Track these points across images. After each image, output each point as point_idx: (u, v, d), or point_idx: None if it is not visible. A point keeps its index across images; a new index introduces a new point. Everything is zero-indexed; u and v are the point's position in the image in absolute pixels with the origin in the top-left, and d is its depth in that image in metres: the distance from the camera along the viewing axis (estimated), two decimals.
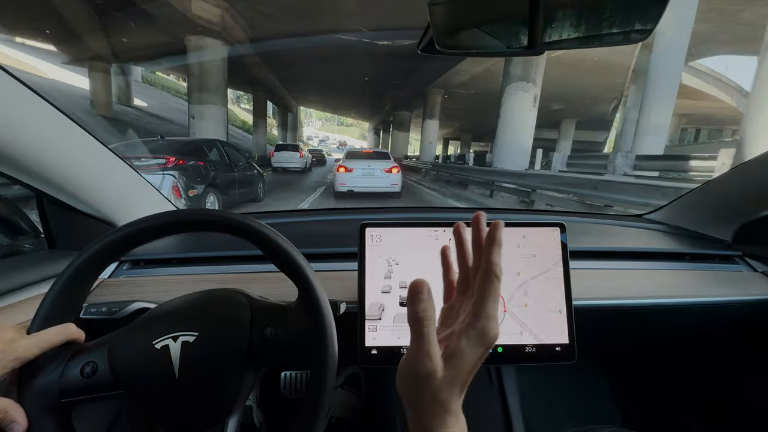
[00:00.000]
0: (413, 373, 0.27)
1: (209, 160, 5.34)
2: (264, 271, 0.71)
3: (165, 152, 4.59)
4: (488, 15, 0.49)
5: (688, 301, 0.71)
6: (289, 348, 0.41)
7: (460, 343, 0.27)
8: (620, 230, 0.99)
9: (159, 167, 4.35)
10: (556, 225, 0.61)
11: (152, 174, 4.24)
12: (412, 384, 0.27)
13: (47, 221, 0.69)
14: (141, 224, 0.42)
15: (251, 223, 0.43)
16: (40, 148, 0.54)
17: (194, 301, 0.44)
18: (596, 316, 0.69)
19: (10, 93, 0.48)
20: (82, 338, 0.39)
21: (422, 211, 1.16)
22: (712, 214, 0.89)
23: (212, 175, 5.12)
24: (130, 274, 0.72)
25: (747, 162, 0.77)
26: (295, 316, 0.43)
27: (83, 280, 0.41)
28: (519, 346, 0.57)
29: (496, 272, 0.28)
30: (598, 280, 0.73)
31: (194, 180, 4.71)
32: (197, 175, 4.79)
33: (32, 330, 0.37)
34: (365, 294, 0.58)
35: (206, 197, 4.86)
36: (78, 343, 0.39)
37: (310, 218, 1.05)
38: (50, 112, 0.54)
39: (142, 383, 0.38)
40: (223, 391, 0.40)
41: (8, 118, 0.48)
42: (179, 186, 4.42)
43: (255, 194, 6.62)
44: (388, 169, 6.99)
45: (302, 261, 0.43)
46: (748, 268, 0.81)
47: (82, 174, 0.63)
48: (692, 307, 0.71)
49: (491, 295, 0.28)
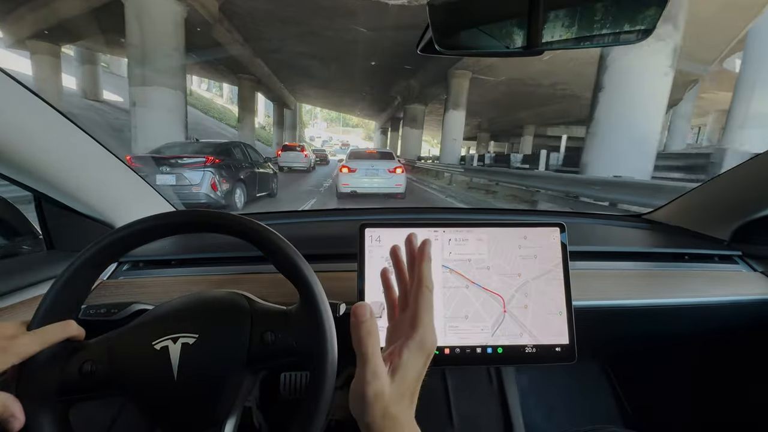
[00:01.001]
0: (362, 394, 0.28)
1: (235, 159, 6.09)
2: (264, 272, 0.71)
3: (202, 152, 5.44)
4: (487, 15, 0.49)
5: (687, 301, 0.71)
6: (289, 353, 0.41)
7: (402, 356, 0.29)
8: (620, 230, 1.00)
9: (200, 165, 5.18)
10: (555, 225, 0.61)
11: (194, 171, 5.10)
12: (364, 405, 0.28)
13: (46, 222, 0.69)
14: (141, 225, 0.41)
15: (254, 226, 0.42)
16: (39, 148, 0.54)
17: (195, 303, 0.44)
18: (596, 316, 0.69)
19: (8, 94, 0.48)
20: (82, 335, 0.39)
21: (422, 211, 1.16)
22: (711, 214, 0.89)
23: (239, 172, 5.95)
24: (130, 275, 0.72)
25: (746, 162, 0.77)
26: (296, 321, 0.42)
27: (82, 282, 0.41)
28: (519, 347, 0.57)
29: (427, 285, 0.32)
30: (597, 280, 0.73)
31: (226, 176, 5.51)
32: (228, 172, 5.59)
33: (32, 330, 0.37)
34: (365, 295, 0.58)
35: (235, 191, 5.72)
36: (78, 341, 0.39)
37: (309, 219, 1.05)
38: (49, 113, 0.54)
39: (140, 383, 0.38)
40: (221, 394, 0.40)
41: (7, 119, 0.48)
42: (216, 181, 5.24)
43: (270, 189, 7.35)
44: (392, 169, 6.90)
45: (304, 265, 0.43)
46: (747, 268, 0.81)
47: (81, 175, 0.63)
48: (691, 307, 0.71)
49: (425, 306, 0.31)
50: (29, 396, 0.34)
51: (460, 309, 0.57)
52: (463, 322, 0.57)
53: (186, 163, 5.10)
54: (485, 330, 0.57)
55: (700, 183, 0.91)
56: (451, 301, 0.58)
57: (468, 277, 0.58)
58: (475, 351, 0.57)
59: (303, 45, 13.81)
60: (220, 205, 5.28)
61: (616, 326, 0.77)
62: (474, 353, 0.57)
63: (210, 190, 5.12)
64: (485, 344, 0.57)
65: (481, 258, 0.59)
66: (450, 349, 0.57)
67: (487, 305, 0.58)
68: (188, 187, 5.05)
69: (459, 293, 0.58)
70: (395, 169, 6.92)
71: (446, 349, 0.57)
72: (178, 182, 5.04)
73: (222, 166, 5.42)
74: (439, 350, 0.56)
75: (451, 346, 0.57)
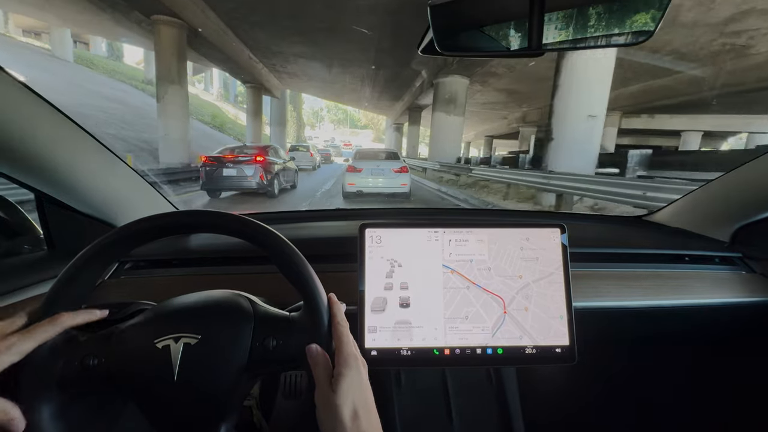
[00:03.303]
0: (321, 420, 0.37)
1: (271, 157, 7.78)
2: (265, 272, 0.71)
3: (251, 153, 7.42)
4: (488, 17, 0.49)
5: (687, 302, 0.71)
6: (290, 360, 0.41)
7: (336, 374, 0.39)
8: (620, 232, 1.00)
9: (252, 162, 7.18)
10: (556, 226, 0.61)
11: (248, 166, 7.16)
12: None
13: (47, 222, 0.69)
14: (143, 224, 0.42)
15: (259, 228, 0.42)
16: (40, 148, 0.54)
17: (198, 303, 0.44)
18: (596, 318, 0.69)
19: (9, 93, 0.48)
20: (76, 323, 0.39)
21: (422, 212, 1.16)
22: (711, 216, 0.89)
23: (274, 167, 7.77)
24: (131, 274, 0.72)
25: (746, 164, 0.77)
26: (299, 329, 0.42)
27: (82, 281, 0.41)
28: (519, 348, 0.57)
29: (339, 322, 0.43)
30: (598, 282, 0.73)
31: (268, 170, 7.42)
32: (268, 167, 7.47)
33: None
34: (365, 296, 0.58)
35: (273, 182, 7.57)
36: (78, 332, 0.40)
37: (310, 219, 1.05)
38: (50, 112, 0.54)
39: (139, 382, 0.38)
40: (219, 396, 0.40)
41: (8, 118, 0.48)
42: (263, 173, 7.25)
43: (293, 181, 9.31)
44: (397, 169, 7.03)
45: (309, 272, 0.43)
46: (747, 270, 0.81)
47: (82, 174, 0.63)
48: (692, 308, 0.71)
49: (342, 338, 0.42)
50: (30, 388, 0.35)
51: (460, 309, 0.58)
52: (463, 322, 0.57)
53: (242, 160, 7.24)
54: (485, 330, 0.57)
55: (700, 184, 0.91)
56: (451, 302, 0.58)
57: (469, 277, 0.58)
58: (475, 352, 0.57)
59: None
60: (266, 190, 7.41)
61: (616, 327, 0.78)
62: (474, 354, 0.57)
63: (259, 180, 7.19)
64: (485, 345, 0.57)
65: (482, 259, 0.59)
66: (450, 350, 0.57)
67: (487, 306, 0.58)
68: (245, 178, 7.14)
69: (459, 294, 0.58)
70: (401, 169, 7.08)
71: (446, 349, 0.57)
72: (238, 174, 7.15)
73: (266, 162, 7.43)
74: (439, 351, 0.57)
75: (451, 347, 0.57)
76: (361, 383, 0.39)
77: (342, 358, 0.40)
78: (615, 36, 0.46)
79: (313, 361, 0.40)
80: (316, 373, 0.39)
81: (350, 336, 0.43)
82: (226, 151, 7.62)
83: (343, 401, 0.37)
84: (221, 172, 7.09)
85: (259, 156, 7.29)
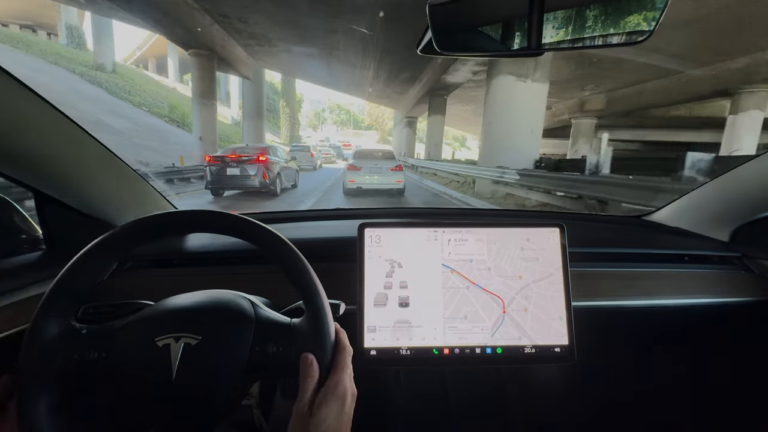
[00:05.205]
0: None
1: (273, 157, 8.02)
2: (265, 272, 0.71)
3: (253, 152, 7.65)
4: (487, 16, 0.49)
5: (686, 302, 0.71)
6: (289, 367, 0.41)
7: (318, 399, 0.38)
8: (619, 231, 1.00)
9: (255, 162, 7.39)
10: (555, 226, 0.61)
11: (251, 165, 7.38)
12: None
13: (46, 221, 0.69)
14: (143, 224, 0.41)
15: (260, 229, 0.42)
16: (40, 148, 0.54)
17: (200, 303, 0.44)
18: (596, 317, 0.69)
19: (9, 93, 0.48)
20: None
21: (421, 212, 1.16)
22: (710, 216, 0.89)
23: (276, 166, 7.96)
24: (131, 274, 0.72)
25: (746, 164, 0.77)
26: (299, 337, 0.42)
27: (81, 281, 0.41)
28: (518, 348, 0.57)
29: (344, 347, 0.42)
30: (598, 281, 0.73)
31: (271, 169, 7.65)
32: (270, 167, 7.68)
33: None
34: (365, 295, 0.58)
35: (275, 181, 7.76)
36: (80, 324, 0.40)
37: (310, 219, 1.05)
38: (50, 112, 0.54)
39: (138, 380, 0.38)
40: (216, 397, 0.40)
41: (8, 118, 0.48)
42: (265, 172, 7.46)
43: (294, 181, 9.48)
44: (393, 167, 7.78)
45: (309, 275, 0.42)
46: (746, 269, 0.81)
47: (82, 174, 0.63)
48: (691, 308, 0.71)
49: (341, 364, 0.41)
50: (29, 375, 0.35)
51: (459, 309, 0.58)
52: (463, 322, 0.57)
53: (245, 159, 7.46)
54: (485, 330, 0.57)
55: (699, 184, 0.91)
56: (451, 302, 0.58)
57: (469, 277, 0.58)
58: (475, 351, 0.57)
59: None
60: (269, 188, 7.61)
61: (616, 327, 0.78)
62: (473, 353, 0.57)
63: (262, 179, 7.44)
64: (484, 345, 0.57)
65: (482, 259, 0.59)
66: (449, 350, 0.57)
67: (486, 306, 0.58)
68: (248, 177, 7.38)
69: (459, 294, 0.58)
70: (396, 168, 7.85)
71: (445, 349, 0.57)
72: (241, 173, 7.38)
73: (268, 161, 7.69)
74: (439, 350, 0.57)
75: (450, 347, 0.57)
76: (341, 417, 0.38)
77: (332, 383, 0.39)
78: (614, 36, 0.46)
79: (304, 371, 0.39)
80: (304, 385, 0.38)
81: (350, 366, 0.42)
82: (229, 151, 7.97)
83: (316, 429, 0.36)
84: (225, 172, 7.37)
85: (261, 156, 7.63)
